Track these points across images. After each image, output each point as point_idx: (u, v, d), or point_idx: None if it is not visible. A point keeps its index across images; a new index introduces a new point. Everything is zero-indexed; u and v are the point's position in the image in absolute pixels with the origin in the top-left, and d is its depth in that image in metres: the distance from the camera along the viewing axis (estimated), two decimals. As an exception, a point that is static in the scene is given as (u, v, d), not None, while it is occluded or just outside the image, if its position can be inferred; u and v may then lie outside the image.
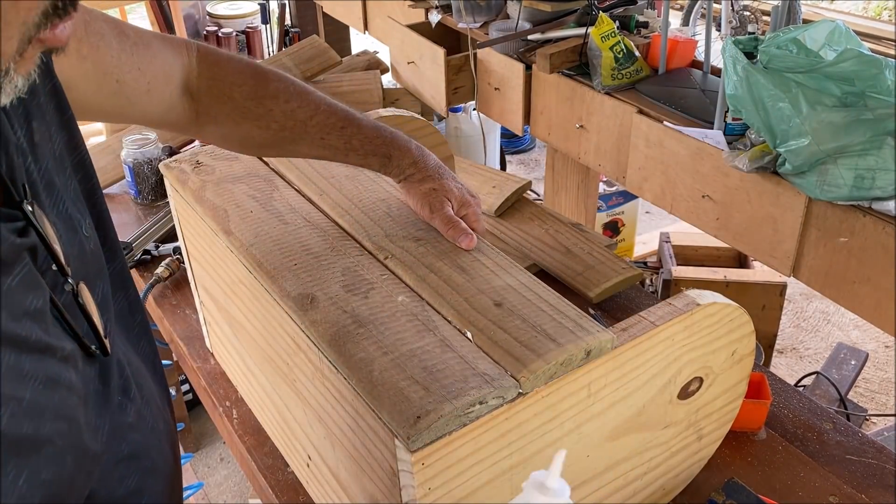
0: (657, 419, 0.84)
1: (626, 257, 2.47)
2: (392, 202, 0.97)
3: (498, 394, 0.67)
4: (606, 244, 1.44)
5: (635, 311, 1.13)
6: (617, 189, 2.92)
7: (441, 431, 0.65)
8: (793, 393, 1.16)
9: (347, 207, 0.96)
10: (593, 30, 1.83)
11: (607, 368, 0.75)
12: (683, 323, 0.79)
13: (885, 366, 2.72)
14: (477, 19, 2.18)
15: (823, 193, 1.39)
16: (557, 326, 0.75)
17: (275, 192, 1.01)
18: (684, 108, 1.72)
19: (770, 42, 1.40)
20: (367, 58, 2.40)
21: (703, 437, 0.93)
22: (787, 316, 2.83)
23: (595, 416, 0.77)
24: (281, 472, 1.05)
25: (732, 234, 1.62)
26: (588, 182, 2.34)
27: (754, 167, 1.48)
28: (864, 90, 1.31)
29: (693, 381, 0.85)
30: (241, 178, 1.04)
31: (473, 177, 1.61)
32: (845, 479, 1.01)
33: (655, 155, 1.73)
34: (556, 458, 0.54)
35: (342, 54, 2.30)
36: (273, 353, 0.92)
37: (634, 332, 0.77)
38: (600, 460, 0.81)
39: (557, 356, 0.71)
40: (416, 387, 0.68)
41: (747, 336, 0.88)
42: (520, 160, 4.17)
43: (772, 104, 1.38)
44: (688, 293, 0.82)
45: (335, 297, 0.82)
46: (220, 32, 4.21)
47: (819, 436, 1.08)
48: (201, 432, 2.49)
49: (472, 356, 0.72)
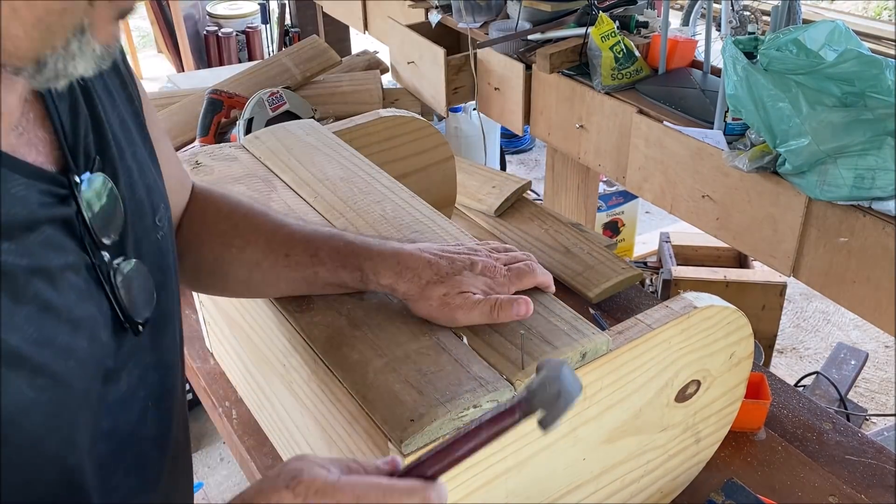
0: (654, 422, 0.84)
1: (625, 257, 2.47)
2: (387, 205, 0.97)
3: (492, 397, 0.67)
4: (606, 244, 1.44)
5: (635, 312, 1.13)
6: (617, 189, 2.92)
7: (434, 435, 0.65)
8: (792, 393, 1.16)
9: (342, 210, 0.95)
10: (593, 30, 1.83)
11: (603, 371, 0.75)
12: (680, 326, 0.79)
13: (885, 366, 2.72)
14: (477, 19, 2.18)
15: (823, 193, 1.38)
16: (552, 329, 0.74)
17: (273, 192, 1.01)
18: (684, 108, 1.71)
19: (770, 44, 1.39)
20: (367, 58, 2.40)
21: (701, 440, 0.93)
22: (787, 316, 2.82)
23: (591, 420, 0.77)
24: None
25: (732, 234, 1.62)
26: (588, 182, 2.34)
27: (754, 167, 1.48)
28: (864, 90, 1.31)
29: (690, 384, 0.85)
30: (240, 178, 1.04)
31: (473, 177, 1.61)
32: (845, 480, 1.01)
33: (655, 155, 1.72)
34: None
35: (342, 54, 2.30)
36: (270, 355, 0.92)
37: (630, 335, 0.77)
38: (596, 463, 0.81)
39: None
40: (410, 390, 0.68)
41: (745, 339, 0.87)
42: (520, 160, 4.17)
43: (772, 104, 1.38)
44: (685, 296, 0.82)
45: (331, 298, 0.81)
46: (220, 32, 4.21)
47: (819, 436, 1.08)
48: (201, 432, 2.49)
49: (467, 359, 0.71)
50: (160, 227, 0.69)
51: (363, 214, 0.95)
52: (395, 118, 1.24)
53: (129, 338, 0.63)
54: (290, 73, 2.13)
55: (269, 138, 1.13)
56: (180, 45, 4.39)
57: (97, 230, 0.59)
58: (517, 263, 0.80)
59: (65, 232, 0.56)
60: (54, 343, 0.54)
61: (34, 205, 0.54)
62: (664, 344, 0.79)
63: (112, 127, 0.65)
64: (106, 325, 0.60)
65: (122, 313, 0.61)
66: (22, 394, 0.51)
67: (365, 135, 1.22)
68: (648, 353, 0.78)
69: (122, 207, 0.62)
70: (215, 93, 1.94)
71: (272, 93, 1.88)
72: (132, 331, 0.63)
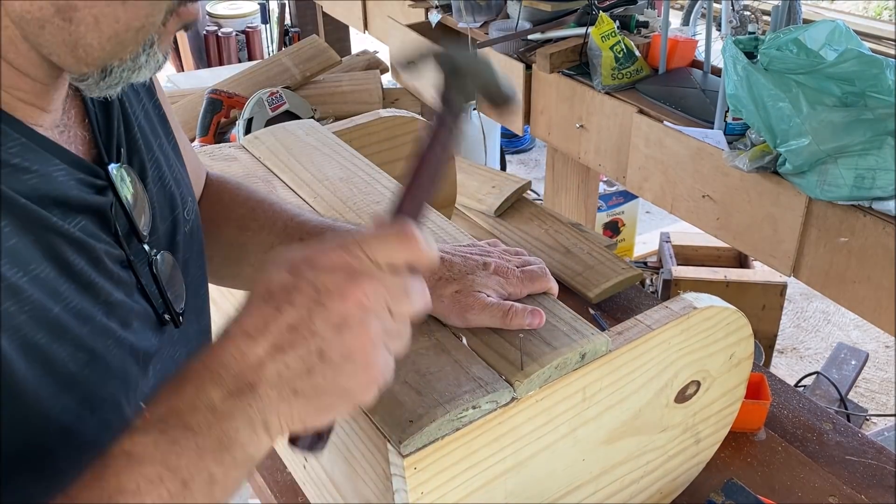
0: (653, 423, 0.84)
1: (626, 257, 2.47)
2: (386, 205, 0.97)
3: (491, 398, 0.67)
4: (606, 244, 1.43)
5: (635, 312, 1.13)
6: (617, 189, 2.92)
7: (433, 436, 0.64)
8: (792, 393, 1.16)
9: (342, 210, 0.95)
10: (593, 29, 1.82)
11: (602, 372, 0.75)
12: (680, 326, 0.79)
13: (885, 366, 2.72)
14: (477, 19, 2.17)
15: (823, 193, 1.38)
16: (552, 329, 0.74)
17: (272, 193, 1.00)
18: (684, 108, 1.71)
19: (770, 43, 1.39)
20: (366, 58, 2.40)
21: (700, 441, 0.93)
22: (787, 316, 2.82)
23: (590, 420, 0.77)
24: (280, 473, 1.04)
25: (732, 234, 1.62)
26: (588, 182, 2.34)
27: (754, 167, 1.48)
28: (864, 90, 1.31)
29: (690, 385, 0.85)
30: (240, 178, 1.04)
31: (473, 177, 1.61)
32: (845, 480, 1.01)
33: (655, 155, 1.72)
34: None
35: (342, 54, 2.30)
36: (269, 356, 0.92)
37: (630, 335, 0.76)
38: (596, 464, 0.81)
39: (552, 359, 0.70)
40: (409, 391, 0.67)
41: (745, 339, 0.87)
42: (520, 160, 4.17)
43: (772, 104, 1.38)
44: (685, 296, 0.82)
45: (330, 299, 0.81)
46: (220, 32, 4.21)
47: (819, 436, 1.08)
48: (201, 432, 2.49)
49: (466, 360, 0.71)
50: (188, 219, 0.69)
51: (362, 215, 0.94)
52: (395, 118, 1.24)
53: (162, 330, 0.63)
54: (289, 73, 2.13)
55: (268, 138, 1.13)
56: (180, 45, 4.39)
57: (152, 227, 0.61)
58: (530, 266, 0.79)
59: (100, 223, 0.57)
60: (94, 321, 0.54)
61: (74, 192, 0.54)
62: (664, 345, 0.79)
63: (139, 121, 0.65)
64: (140, 315, 0.60)
65: (165, 305, 0.62)
66: (66, 367, 0.51)
67: (365, 135, 1.22)
68: (648, 353, 0.78)
69: (151, 200, 0.63)
70: (215, 93, 1.94)
71: (272, 93, 1.88)
72: (173, 322, 0.63)
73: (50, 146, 0.53)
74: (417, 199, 0.55)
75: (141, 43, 0.50)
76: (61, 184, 0.53)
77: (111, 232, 0.58)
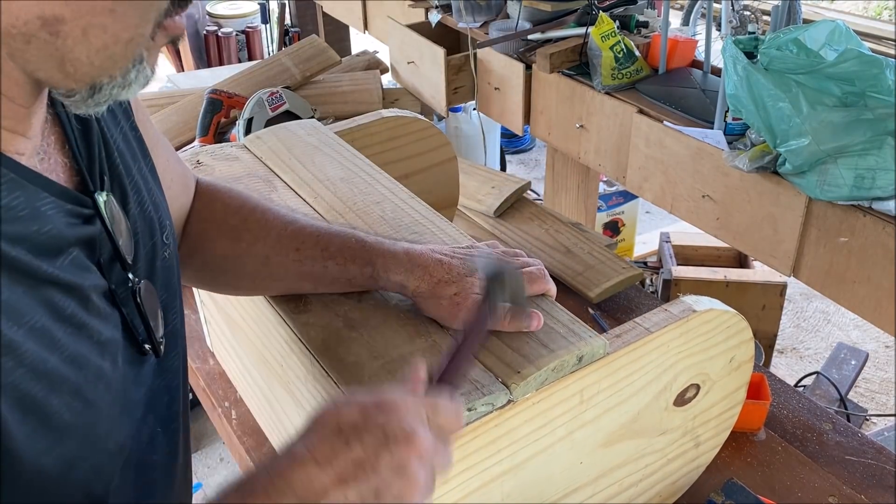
0: (652, 426, 0.84)
1: (626, 257, 2.46)
2: (386, 206, 0.97)
3: (487, 400, 0.67)
4: (606, 244, 1.43)
5: (635, 312, 1.13)
6: (617, 189, 2.91)
7: (432, 438, 0.64)
8: (792, 393, 1.16)
9: (342, 210, 0.95)
10: (593, 29, 1.82)
11: (600, 375, 0.74)
12: (679, 329, 0.79)
13: (885, 366, 2.71)
14: (477, 19, 2.17)
15: (823, 193, 1.38)
16: (549, 331, 0.74)
17: (273, 192, 1.00)
18: (684, 108, 1.71)
19: (770, 43, 1.39)
20: (366, 58, 2.40)
21: (700, 444, 0.92)
22: (787, 316, 2.82)
23: (588, 423, 0.77)
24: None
25: (732, 234, 1.62)
26: (588, 182, 2.33)
27: (754, 167, 1.47)
28: (864, 90, 1.30)
29: (690, 388, 0.84)
30: (241, 178, 1.04)
31: (473, 177, 1.61)
32: (845, 480, 1.01)
33: (655, 155, 1.72)
34: None
35: (342, 54, 2.29)
36: (268, 355, 0.92)
37: (628, 338, 0.76)
38: (594, 467, 0.81)
39: (549, 362, 0.70)
40: (408, 393, 0.67)
41: (745, 342, 0.87)
42: (520, 160, 4.17)
43: (772, 104, 1.38)
44: (685, 299, 0.82)
45: (327, 299, 0.81)
46: (220, 32, 4.20)
47: (818, 436, 1.07)
48: (201, 432, 2.49)
49: (464, 362, 0.71)
50: (167, 244, 0.68)
51: (362, 215, 0.94)
52: (397, 118, 1.24)
53: (142, 361, 0.62)
54: (289, 73, 2.13)
55: (270, 138, 1.13)
56: (180, 45, 4.38)
57: (135, 254, 0.60)
58: (529, 268, 0.80)
59: (88, 253, 0.56)
60: (89, 365, 0.53)
61: (62, 225, 0.53)
62: (662, 347, 0.78)
63: (118, 144, 0.64)
64: (124, 348, 0.59)
65: (147, 333, 0.61)
66: (61, 418, 0.50)
67: (367, 135, 1.22)
68: (646, 356, 0.78)
69: (133, 227, 0.62)
70: (215, 93, 1.93)
71: (272, 93, 1.88)
72: (153, 352, 0.62)
73: (35, 179, 0.51)
74: (460, 371, 0.62)
75: (131, 58, 0.49)
76: (50, 219, 0.51)
77: (97, 262, 0.57)
